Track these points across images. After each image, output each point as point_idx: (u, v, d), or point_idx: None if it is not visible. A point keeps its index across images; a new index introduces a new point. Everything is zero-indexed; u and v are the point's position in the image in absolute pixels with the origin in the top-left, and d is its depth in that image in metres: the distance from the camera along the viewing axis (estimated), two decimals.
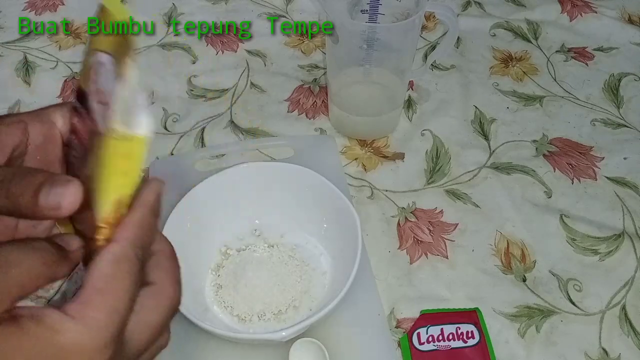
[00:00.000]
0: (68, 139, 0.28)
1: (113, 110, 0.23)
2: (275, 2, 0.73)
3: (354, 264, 0.39)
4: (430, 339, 0.42)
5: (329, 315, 0.39)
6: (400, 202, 0.52)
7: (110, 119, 0.23)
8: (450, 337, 0.42)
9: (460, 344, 0.42)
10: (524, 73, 0.64)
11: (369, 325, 0.43)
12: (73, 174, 0.26)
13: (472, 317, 0.43)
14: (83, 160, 0.26)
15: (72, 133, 0.28)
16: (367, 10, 0.51)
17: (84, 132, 0.26)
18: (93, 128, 0.25)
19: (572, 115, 0.59)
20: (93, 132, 0.25)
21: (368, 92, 0.57)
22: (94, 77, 0.25)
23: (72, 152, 0.28)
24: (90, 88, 0.25)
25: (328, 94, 0.57)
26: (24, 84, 0.63)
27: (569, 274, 0.47)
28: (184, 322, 0.38)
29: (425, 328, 0.43)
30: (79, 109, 0.27)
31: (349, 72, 0.55)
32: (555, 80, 0.63)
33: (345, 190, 0.50)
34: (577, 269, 0.47)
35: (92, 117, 0.25)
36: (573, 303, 0.45)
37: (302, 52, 0.67)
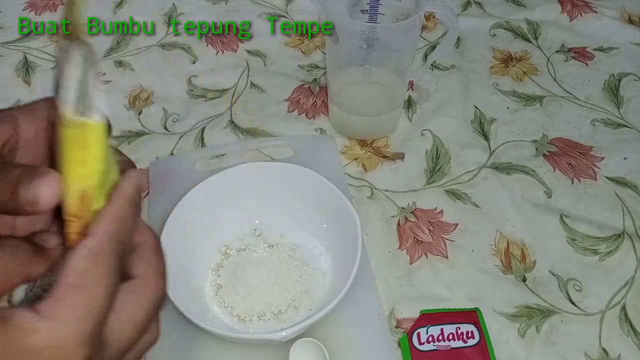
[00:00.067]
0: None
1: (64, 97, 0.22)
2: (275, 2, 0.73)
3: (354, 264, 0.39)
4: (430, 339, 0.42)
5: (329, 315, 0.39)
6: (400, 202, 0.52)
7: (62, 107, 0.22)
8: (450, 337, 0.42)
9: (460, 344, 0.42)
10: (524, 73, 0.64)
11: (369, 325, 0.43)
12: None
13: (472, 317, 0.43)
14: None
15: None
16: (367, 10, 0.51)
17: None
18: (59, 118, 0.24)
19: (572, 115, 0.59)
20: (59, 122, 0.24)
21: (368, 92, 0.57)
22: (59, 65, 0.24)
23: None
24: (57, 76, 0.25)
25: (328, 94, 0.57)
26: (24, 84, 0.63)
27: (569, 274, 0.47)
28: (184, 322, 0.38)
29: (425, 328, 0.42)
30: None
31: (349, 72, 0.55)
32: (555, 80, 0.63)
33: (345, 190, 0.50)
34: (577, 269, 0.47)
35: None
36: (573, 303, 0.45)
37: (302, 52, 0.67)
